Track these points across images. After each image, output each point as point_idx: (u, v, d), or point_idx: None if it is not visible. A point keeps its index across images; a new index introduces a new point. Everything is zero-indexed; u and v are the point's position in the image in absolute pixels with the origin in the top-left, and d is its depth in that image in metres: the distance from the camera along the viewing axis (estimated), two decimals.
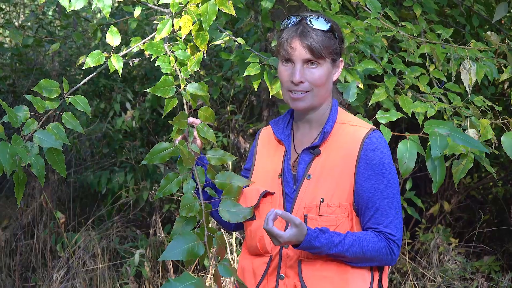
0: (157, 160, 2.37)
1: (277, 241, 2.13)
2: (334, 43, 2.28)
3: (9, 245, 5.61)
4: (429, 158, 2.33)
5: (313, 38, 2.23)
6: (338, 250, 2.18)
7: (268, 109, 5.53)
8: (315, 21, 2.26)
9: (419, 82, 3.46)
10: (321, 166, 2.27)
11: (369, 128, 2.30)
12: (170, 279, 1.98)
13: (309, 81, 2.25)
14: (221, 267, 2.08)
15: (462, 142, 2.30)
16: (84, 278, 5.00)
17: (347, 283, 2.23)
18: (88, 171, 6.21)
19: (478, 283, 5.11)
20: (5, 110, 2.33)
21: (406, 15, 4.29)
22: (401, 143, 2.39)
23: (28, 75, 7.06)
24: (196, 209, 2.28)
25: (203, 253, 2.10)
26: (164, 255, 2.06)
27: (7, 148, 2.22)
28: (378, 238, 2.22)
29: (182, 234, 2.10)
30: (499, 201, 6.02)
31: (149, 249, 5.27)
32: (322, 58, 2.25)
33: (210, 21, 2.53)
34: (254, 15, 4.98)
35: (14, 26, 6.53)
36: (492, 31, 3.55)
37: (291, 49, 2.25)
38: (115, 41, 2.73)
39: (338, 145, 2.28)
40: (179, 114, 2.41)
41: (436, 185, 2.36)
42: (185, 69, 2.55)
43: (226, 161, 2.40)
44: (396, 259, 2.26)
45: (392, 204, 2.25)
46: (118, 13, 6.81)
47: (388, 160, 2.26)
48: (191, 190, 2.32)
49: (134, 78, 7.00)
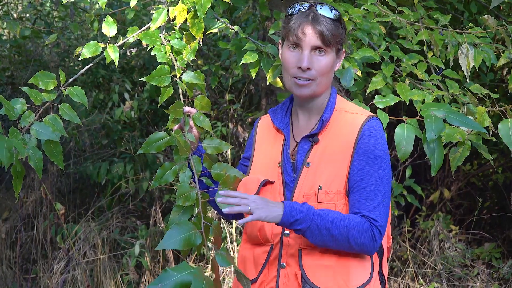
0: (153, 149, 2.37)
1: (245, 204, 2.12)
2: (342, 32, 2.29)
3: (10, 237, 5.63)
4: (425, 141, 2.33)
5: (324, 25, 2.23)
6: (322, 221, 2.14)
7: (267, 98, 5.53)
8: (324, 9, 2.26)
9: (417, 70, 3.45)
10: (320, 154, 2.27)
11: (367, 115, 2.30)
12: (168, 268, 1.99)
13: (315, 68, 2.25)
14: (218, 257, 2.08)
15: (459, 124, 2.29)
16: (84, 269, 5.02)
17: (348, 272, 2.23)
18: (87, 162, 6.21)
19: (479, 270, 5.13)
20: (2, 103, 2.33)
21: (404, 2, 4.28)
22: (399, 127, 2.39)
23: (26, 66, 7.05)
24: (193, 198, 2.27)
25: (200, 242, 2.09)
26: (161, 244, 2.06)
27: (4, 141, 2.21)
28: (362, 220, 2.20)
29: (179, 224, 2.10)
30: (499, 188, 6.03)
31: (149, 239, 5.28)
32: (330, 46, 2.25)
33: (205, 9, 2.52)
34: (252, 4, 4.98)
35: (12, 17, 6.52)
36: (489, 16, 3.55)
37: (302, 34, 2.24)
38: (111, 32, 2.73)
39: (336, 132, 2.29)
40: (174, 103, 2.40)
41: (434, 168, 2.36)
42: (181, 58, 2.55)
43: (222, 150, 2.40)
44: (377, 247, 2.23)
45: (378, 191, 2.23)
46: (116, 3, 6.80)
47: (382, 147, 2.25)
48: (187, 180, 2.32)
49: (133, 68, 7.00)
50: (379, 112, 2.63)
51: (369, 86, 3.30)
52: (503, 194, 5.91)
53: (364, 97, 4.41)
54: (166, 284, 1.94)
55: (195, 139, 2.46)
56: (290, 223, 2.13)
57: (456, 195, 6.01)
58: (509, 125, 2.73)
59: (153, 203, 5.58)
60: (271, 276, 2.29)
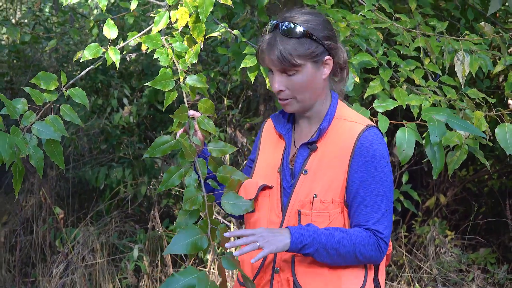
0: (158, 153, 2.36)
1: (252, 241, 2.11)
2: (311, 46, 2.22)
3: (9, 241, 5.62)
4: (428, 145, 2.33)
5: (280, 49, 2.19)
6: (329, 242, 2.15)
7: (265, 103, 5.54)
8: (287, 28, 2.22)
9: (414, 75, 3.47)
10: (317, 161, 2.27)
11: (365, 124, 2.27)
12: (174, 273, 1.99)
13: (289, 89, 2.24)
14: (224, 260, 2.08)
15: (460, 128, 2.30)
16: (83, 273, 5.01)
17: (339, 279, 2.23)
18: (86, 166, 6.21)
19: (474, 275, 5.13)
20: (4, 102, 2.33)
21: (401, 9, 4.29)
22: (400, 130, 2.39)
23: (25, 71, 7.06)
24: (199, 202, 2.27)
25: (206, 246, 2.10)
26: (169, 249, 2.06)
27: (6, 139, 2.20)
28: (367, 234, 2.20)
29: (186, 228, 2.09)
30: (495, 194, 6.03)
31: (147, 243, 5.27)
32: (297, 65, 2.21)
33: (207, 12, 2.53)
34: (250, 9, 4.99)
35: (11, 23, 6.53)
36: (486, 23, 3.56)
37: (262, 62, 2.26)
38: (112, 34, 2.73)
39: (334, 141, 2.27)
40: (179, 107, 2.40)
41: (436, 171, 2.36)
42: (183, 61, 2.55)
43: (227, 152, 2.39)
44: (383, 257, 2.24)
45: (382, 202, 2.22)
46: (115, 9, 6.81)
47: (382, 157, 2.23)
48: (193, 183, 2.32)
49: (131, 73, 7.00)
50: (380, 116, 2.64)
51: (367, 91, 3.31)
52: (498, 200, 5.92)
53: (362, 103, 4.42)
54: None
55: (200, 142, 2.47)
56: (298, 249, 2.15)
57: (452, 200, 6.02)
58: (506, 129, 2.75)
59: (152, 208, 5.57)
60: (266, 280, 2.29)
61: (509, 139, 2.76)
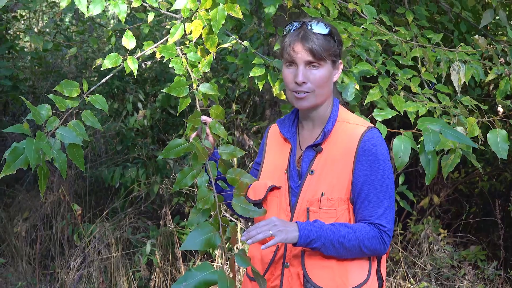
0: (172, 155, 2.36)
1: (266, 230, 2.14)
2: (334, 45, 2.28)
3: (30, 235, 5.63)
4: (422, 152, 2.34)
5: (313, 41, 2.23)
6: (335, 236, 2.17)
7: (271, 108, 5.55)
8: (316, 26, 2.27)
9: (411, 83, 3.47)
10: (323, 162, 2.28)
11: (366, 126, 2.30)
12: (191, 268, 2.00)
13: (311, 81, 2.26)
14: (237, 257, 2.09)
15: (453, 138, 2.31)
16: (99, 266, 5.02)
17: (346, 271, 2.24)
18: (102, 166, 6.23)
19: (465, 271, 5.13)
20: (30, 108, 2.35)
21: (399, 22, 4.30)
22: (396, 138, 2.41)
23: (46, 77, 7.08)
24: (211, 201, 2.28)
25: (219, 243, 2.11)
26: (185, 245, 2.07)
27: (32, 144, 2.23)
28: (371, 228, 2.22)
29: (200, 226, 2.10)
30: (485, 195, 6.04)
31: (159, 239, 5.28)
32: (322, 59, 2.25)
33: (220, 25, 2.54)
34: (257, 21, 5.00)
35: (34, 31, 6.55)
36: (479, 36, 3.57)
37: (293, 52, 2.26)
38: (131, 44, 2.75)
39: (338, 142, 2.29)
40: (193, 112, 2.41)
41: (429, 178, 2.37)
42: (197, 70, 2.57)
43: (236, 156, 2.40)
44: (387, 248, 2.26)
45: (384, 197, 2.24)
46: (131, 19, 6.83)
47: (383, 156, 2.26)
48: (205, 183, 2.32)
49: (146, 80, 7.02)
50: (378, 124, 2.64)
51: (367, 98, 3.31)
52: (488, 200, 5.92)
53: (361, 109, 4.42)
54: (190, 283, 1.97)
55: (212, 145, 2.48)
56: (306, 243, 2.17)
57: (445, 201, 6.02)
58: (498, 134, 2.77)
59: (163, 205, 5.59)
60: (276, 274, 2.31)
61: (500, 143, 2.78)
